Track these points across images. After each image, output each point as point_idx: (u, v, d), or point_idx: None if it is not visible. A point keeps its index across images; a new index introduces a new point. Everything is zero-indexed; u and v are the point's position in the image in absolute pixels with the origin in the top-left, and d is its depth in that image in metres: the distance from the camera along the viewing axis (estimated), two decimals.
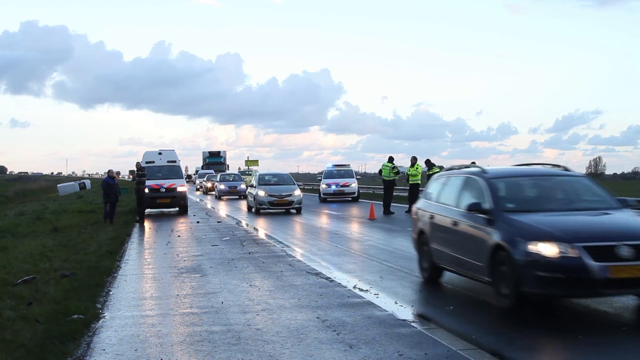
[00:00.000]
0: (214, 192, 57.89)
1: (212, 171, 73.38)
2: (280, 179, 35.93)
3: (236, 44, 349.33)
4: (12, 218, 36.62)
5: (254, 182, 36.14)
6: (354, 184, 43.92)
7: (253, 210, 34.45)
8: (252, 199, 34.72)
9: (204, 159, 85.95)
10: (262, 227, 25.75)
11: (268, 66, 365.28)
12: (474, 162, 29.11)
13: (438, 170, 29.31)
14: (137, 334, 9.18)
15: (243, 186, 50.70)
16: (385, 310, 10.25)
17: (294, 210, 33.78)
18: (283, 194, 33.51)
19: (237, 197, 51.61)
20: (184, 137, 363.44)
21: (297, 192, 33.85)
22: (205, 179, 67.94)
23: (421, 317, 9.90)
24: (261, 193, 33.39)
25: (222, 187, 52.78)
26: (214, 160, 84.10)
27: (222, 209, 39.74)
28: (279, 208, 33.69)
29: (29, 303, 11.10)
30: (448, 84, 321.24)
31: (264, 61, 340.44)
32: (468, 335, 8.68)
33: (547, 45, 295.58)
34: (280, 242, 20.13)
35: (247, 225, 27.19)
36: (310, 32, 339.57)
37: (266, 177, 36.10)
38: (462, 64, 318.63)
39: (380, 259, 16.17)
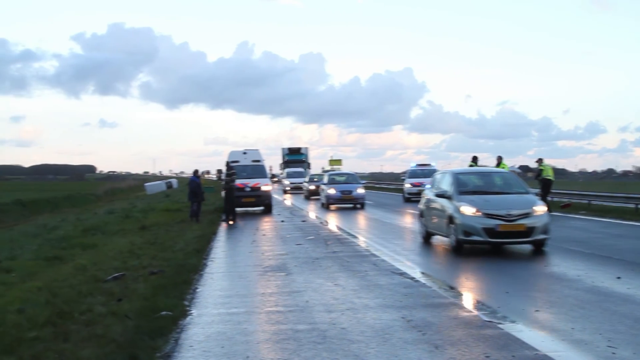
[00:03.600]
0: (319, 197, 44.77)
1: (302, 169, 69.08)
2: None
3: (319, 43, 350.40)
4: (102, 216, 37.54)
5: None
6: None
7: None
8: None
9: (283, 156, 78.13)
10: (346, 227, 25.74)
11: (350, 65, 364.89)
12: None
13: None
14: (223, 331, 9.28)
15: (361, 191, 39.04)
16: (471, 311, 10.14)
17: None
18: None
19: (352, 205, 38.84)
20: (268, 137, 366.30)
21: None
22: (307, 179, 56.75)
23: (508, 318, 9.73)
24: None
25: (331, 191, 39.01)
26: (294, 158, 75.73)
27: (305, 207, 39.88)
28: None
29: (119, 299, 11.33)
30: (533, 82, 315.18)
31: (346, 60, 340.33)
32: (557, 336, 8.51)
33: (636, 41, 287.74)
34: (365, 242, 20.11)
35: (331, 224, 27.22)
36: (393, 31, 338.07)
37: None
38: (547, 62, 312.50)
39: (465, 259, 15.99)
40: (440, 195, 18.17)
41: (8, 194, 74.23)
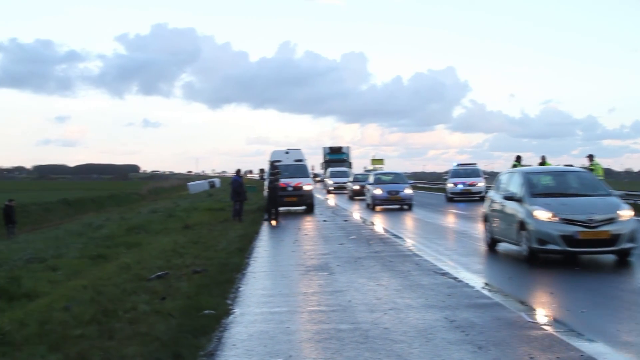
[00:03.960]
0: (364, 198, 42.07)
1: (345, 169, 67.40)
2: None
3: (361, 42, 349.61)
4: (146, 215, 37.96)
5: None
6: (481, 183, 43.11)
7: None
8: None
9: (324, 155, 77.07)
10: (388, 226, 25.66)
11: (392, 65, 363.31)
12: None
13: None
14: (266, 330, 9.31)
15: (408, 191, 36.92)
16: (515, 312, 10.04)
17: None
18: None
19: (399, 206, 36.84)
20: (310, 136, 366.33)
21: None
22: (351, 179, 53.95)
23: (552, 319, 9.62)
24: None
25: (377, 192, 36.78)
26: (335, 157, 74.38)
27: (349, 208, 39.82)
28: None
29: (162, 298, 11.42)
30: (577, 80, 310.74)
31: (388, 60, 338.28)
32: (603, 339, 8.41)
33: None
34: (407, 242, 20.03)
35: (373, 223, 27.17)
36: (436, 30, 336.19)
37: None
38: (592, 60, 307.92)
39: (508, 259, 15.86)
40: (509, 197, 16.06)
41: (54, 193, 75.31)
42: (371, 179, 39.75)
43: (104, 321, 9.80)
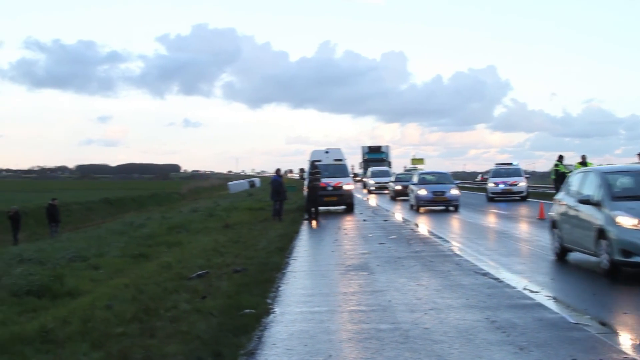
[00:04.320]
0: (406, 198, 40.65)
1: (387, 168, 66.14)
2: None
3: (400, 42, 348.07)
4: (186, 214, 38.25)
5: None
6: (522, 183, 42.69)
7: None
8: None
9: (363, 155, 75.57)
10: (428, 226, 25.56)
11: (433, 64, 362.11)
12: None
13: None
14: (306, 329, 9.31)
15: (455, 192, 35.01)
16: (557, 313, 9.93)
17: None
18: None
19: (445, 207, 35.17)
20: (349, 136, 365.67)
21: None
22: (393, 179, 52.33)
23: (595, 320, 9.49)
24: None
25: (422, 192, 34.91)
26: (375, 157, 72.92)
27: (391, 208, 39.71)
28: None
29: (203, 297, 11.48)
30: (620, 79, 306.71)
31: (428, 59, 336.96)
32: None
33: None
34: (447, 242, 19.92)
35: (414, 223, 27.07)
36: (476, 29, 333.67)
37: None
38: (634, 58, 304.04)
39: (551, 260, 15.69)
40: (584, 201, 13.95)
41: (96, 192, 76.23)
42: (415, 178, 37.83)
43: (145, 319, 9.88)
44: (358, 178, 76.86)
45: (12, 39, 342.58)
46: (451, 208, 34.60)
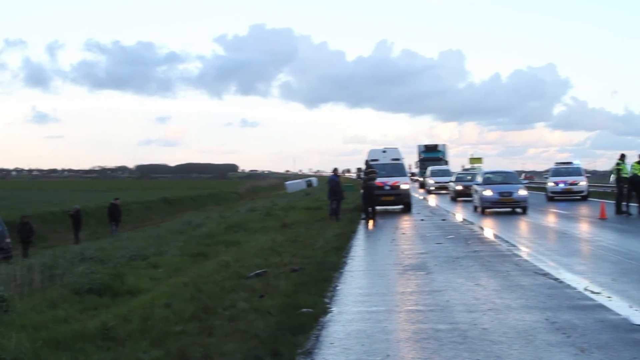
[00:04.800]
0: (468, 199, 39.91)
1: (447, 167, 64.56)
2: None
3: (458, 40, 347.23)
4: (244, 214, 38.51)
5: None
6: (583, 182, 42.02)
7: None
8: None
9: (419, 153, 73.27)
10: (487, 226, 25.31)
11: (491, 62, 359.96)
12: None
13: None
14: (363, 329, 9.29)
15: (523, 192, 32.64)
16: (619, 314, 9.74)
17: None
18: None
19: (511, 209, 32.79)
20: (407, 135, 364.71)
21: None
22: (453, 179, 50.47)
23: None
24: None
25: (487, 193, 32.41)
26: (431, 155, 70.59)
27: (448, 207, 39.45)
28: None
29: (261, 295, 11.54)
30: None
31: (486, 57, 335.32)
32: None
33: None
34: (506, 241, 19.69)
35: (472, 223, 26.84)
36: (535, 26, 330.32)
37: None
38: None
39: (612, 260, 15.42)
40: None
41: (155, 192, 77.20)
42: (479, 178, 35.27)
43: (204, 318, 9.97)
44: (415, 177, 76.08)
45: (73, 41, 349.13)
46: (519, 210, 32.29)
